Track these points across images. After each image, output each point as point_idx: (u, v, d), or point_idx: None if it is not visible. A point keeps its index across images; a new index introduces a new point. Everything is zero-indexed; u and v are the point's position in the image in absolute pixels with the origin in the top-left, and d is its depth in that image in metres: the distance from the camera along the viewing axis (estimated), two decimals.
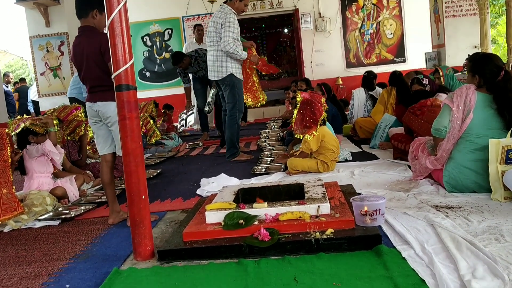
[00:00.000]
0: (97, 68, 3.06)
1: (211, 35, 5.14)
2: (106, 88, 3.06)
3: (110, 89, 3.03)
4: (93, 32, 3.08)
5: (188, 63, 6.82)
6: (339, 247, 2.24)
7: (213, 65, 5.16)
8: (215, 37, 5.09)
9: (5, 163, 3.47)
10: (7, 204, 3.32)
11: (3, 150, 3.49)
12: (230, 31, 4.93)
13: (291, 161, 4.16)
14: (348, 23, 9.97)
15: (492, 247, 2.08)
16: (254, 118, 10.17)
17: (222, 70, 5.09)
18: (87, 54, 3.06)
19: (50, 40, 8.72)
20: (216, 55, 5.11)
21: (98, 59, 3.03)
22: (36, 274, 2.37)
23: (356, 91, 6.68)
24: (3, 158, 3.48)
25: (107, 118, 3.12)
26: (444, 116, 3.06)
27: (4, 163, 3.47)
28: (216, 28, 5.07)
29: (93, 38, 3.04)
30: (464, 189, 2.99)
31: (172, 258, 2.35)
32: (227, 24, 4.93)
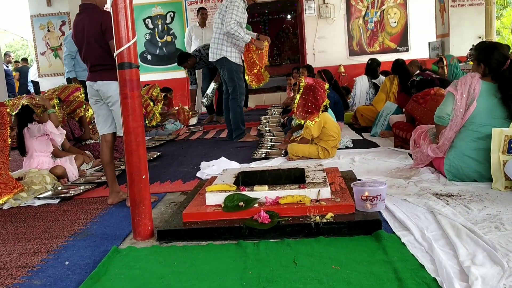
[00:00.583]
0: (98, 47, 3.02)
1: (216, 17, 5.25)
2: (107, 67, 3.03)
3: (111, 68, 3.01)
4: (94, 10, 3.04)
5: (193, 63, 7.03)
6: (339, 231, 2.24)
7: (212, 46, 5.32)
8: (218, 19, 5.21)
9: (5, 143, 3.45)
10: (5, 183, 3.31)
11: (3, 130, 3.47)
12: (233, 13, 4.95)
13: (291, 147, 4.15)
14: (352, 10, 9.86)
15: (492, 235, 2.08)
16: (255, 104, 10.13)
17: (217, 52, 5.24)
18: (88, 32, 3.02)
19: (51, 19, 8.63)
20: (215, 37, 5.26)
21: (99, 38, 2.99)
22: (35, 251, 2.37)
23: (359, 78, 6.64)
24: (3, 138, 3.45)
25: (108, 98, 3.10)
26: (448, 104, 3.04)
27: (3, 143, 3.44)
28: (221, 10, 5.14)
29: (94, 16, 3.00)
30: (465, 177, 2.99)
31: (172, 238, 2.35)
32: (231, 6, 4.98)
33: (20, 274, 2.10)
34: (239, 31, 4.97)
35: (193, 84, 7.64)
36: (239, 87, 5.26)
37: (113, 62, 2.96)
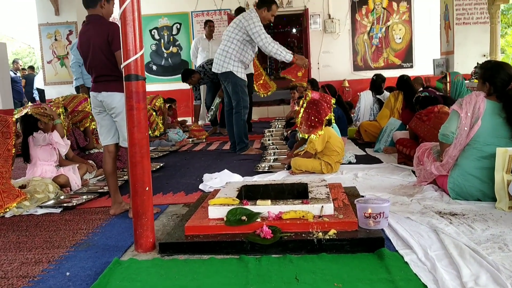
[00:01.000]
0: (104, 57, 3.04)
1: (230, 30, 5.25)
2: (112, 78, 3.05)
3: (115, 79, 3.03)
4: (100, 21, 3.06)
5: (197, 79, 7.14)
6: (341, 248, 2.23)
7: (218, 57, 5.34)
8: (232, 33, 5.20)
9: (9, 152, 3.45)
10: (8, 191, 3.30)
11: (8, 139, 3.47)
12: (263, 33, 5.03)
13: (295, 161, 4.15)
14: (357, 25, 9.94)
15: (496, 256, 2.06)
16: (258, 117, 10.16)
17: (223, 65, 5.26)
18: (94, 43, 3.04)
19: (58, 28, 8.72)
20: (223, 50, 5.27)
21: (105, 48, 3.01)
22: (37, 261, 2.37)
23: (364, 93, 6.65)
24: (7, 147, 3.45)
25: (112, 109, 3.10)
26: (452, 122, 3.04)
27: (7, 152, 3.45)
28: (237, 25, 5.16)
29: (101, 27, 3.03)
30: (468, 196, 2.98)
31: (173, 251, 2.34)
32: (257, 28, 5.02)
33: (21, 284, 2.09)
34: (280, 50, 5.05)
35: (197, 99, 7.71)
36: (243, 101, 5.28)
37: (118, 73, 3.00)
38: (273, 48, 5.04)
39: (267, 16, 5.20)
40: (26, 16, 20.17)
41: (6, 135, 3.47)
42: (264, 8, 5.17)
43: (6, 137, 3.47)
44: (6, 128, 3.47)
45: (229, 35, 5.24)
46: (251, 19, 5.07)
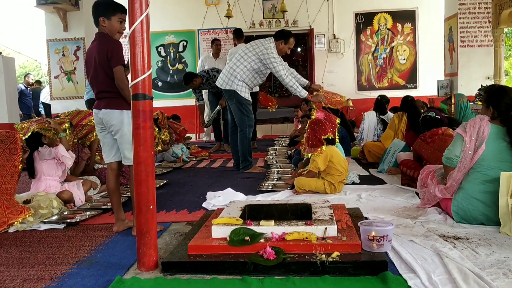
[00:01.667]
0: (103, 74, 3.07)
1: (245, 51, 5.26)
2: (112, 95, 3.08)
3: (115, 96, 3.06)
4: (104, 38, 3.10)
5: (199, 83, 7.07)
6: (345, 271, 2.22)
7: (224, 73, 5.36)
8: (245, 55, 5.22)
9: (15, 168, 3.46)
10: (12, 207, 3.30)
11: (15, 155, 3.48)
12: (281, 64, 5.13)
13: (298, 180, 4.15)
14: (362, 46, 10.02)
15: (500, 282, 2.05)
16: (262, 134, 10.18)
17: (229, 83, 5.28)
18: (95, 59, 3.09)
19: (66, 44, 8.83)
20: (231, 67, 5.29)
21: (105, 65, 3.05)
22: (39, 277, 2.37)
23: (368, 113, 6.67)
24: (14, 163, 3.46)
25: (111, 126, 3.12)
26: (456, 146, 3.05)
27: (14, 168, 3.45)
28: (254, 49, 5.20)
29: (103, 44, 3.07)
30: (472, 220, 2.97)
31: (176, 270, 2.34)
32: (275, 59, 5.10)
33: None
34: (297, 85, 5.12)
35: (200, 100, 7.61)
36: (248, 119, 5.31)
37: (117, 90, 3.04)
38: (290, 81, 5.12)
39: (283, 49, 5.27)
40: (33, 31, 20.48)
41: (13, 151, 3.49)
42: (281, 41, 5.23)
43: (13, 153, 3.48)
44: (13, 144, 3.49)
45: (242, 56, 5.25)
46: (270, 49, 5.12)
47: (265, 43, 5.19)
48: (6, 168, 3.44)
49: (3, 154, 3.45)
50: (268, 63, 5.13)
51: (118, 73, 3.00)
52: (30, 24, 22.00)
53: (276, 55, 5.15)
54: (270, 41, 5.21)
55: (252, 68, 5.20)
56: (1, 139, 3.47)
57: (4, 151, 3.46)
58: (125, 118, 3.06)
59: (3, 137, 3.48)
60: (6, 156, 3.46)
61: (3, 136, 3.48)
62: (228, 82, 5.27)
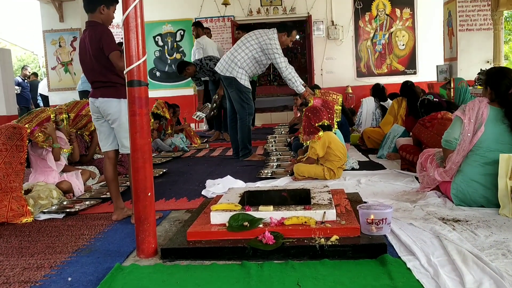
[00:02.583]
0: (98, 63, 3.06)
1: (248, 39, 5.20)
2: (108, 84, 3.07)
3: (112, 85, 3.05)
4: (97, 27, 3.08)
5: (192, 71, 7.12)
6: (344, 254, 2.22)
7: (225, 59, 5.29)
8: (248, 43, 5.17)
9: (21, 166, 3.42)
10: (15, 210, 3.27)
11: (21, 152, 3.44)
12: (282, 56, 5.08)
13: (297, 167, 4.15)
14: (361, 32, 9.95)
15: (499, 262, 2.05)
16: (261, 123, 10.16)
17: (228, 69, 5.21)
18: (89, 49, 3.07)
19: (63, 35, 8.78)
20: (232, 54, 5.22)
21: (99, 54, 3.03)
22: (39, 266, 2.37)
23: (366, 99, 6.66)
24: (20, 161, 3.41)
25: (108, 115, 3.11)
26: (455, 128, 3.03)
27: (20, 165, 3.41)
28: (257, 38, 5.14)
29: (94, 33, 3.04)
30: (471, 202, 2.96)
31: (175, 257, 2.34)
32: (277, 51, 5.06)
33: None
34: (295, 79, 5.08)
35: (199, 85, 7.69)
36: (248, 107, 5.27)
37: (113, 79, 3.03)
38: (289, 74, 5.08)
39: (286, 41, 5.23)
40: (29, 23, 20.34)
41: (19, 149, 3.45)
42: (284, 33, 5.19)
43: (19, 150, 3.44)
44: (20, 141, 3.45)
45: (244, 43, 5.19)
46: (273, 40, 5.08)
47: (268, 34, 5.13)
48: (13, 166, 3.40)
49: (10, 152, 3.42)
50: (270, 53, 5.08)
51: (114, 59, 2.96)
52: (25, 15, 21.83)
53: (279, 46, 5.11)
54: (273, 32, 5.15)
55: (253, 56, 5.15)
56: (8, 136, 3.44)
57: (11, 148, 3.43)
58: (123, 107, 3.04)
59: (10, 133, 3.45)
60: (13, 153, 3.42)
61: (10, 132, 3.45)
62: (228, 69, 5.21)
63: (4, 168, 3.37)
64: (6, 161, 3.39)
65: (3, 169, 3.37)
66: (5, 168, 3.37)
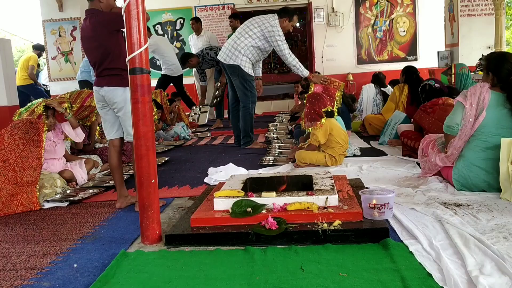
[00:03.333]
0: (104, 50, 3.05)
1: (249, 26, 5.15)
2: (114, 73, 3.07)
3: (117, 74, 3.04)
4: (97, 15, 3.07)
5: (196, 62, 7.37)
6: (346, 239, 2.24)
7: (227, 47, 5.23)
8: (250, 31, 5.12)
9: (38, 161, 3.42)
10: (25, 205, 3.28)
11: (38, 147, 3.42)
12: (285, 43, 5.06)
13: (299, 154, 4.16)
14: (361, 19, 9.89)
15: (501, 245, 2.07)
16: (262, 111, 10.15)
17: (232, 57, 5.17)
18: (93, 37, 3.06)
19: (62, 24, 8.74)
20: (236, 43, 5.16)
21: (105, 40, 3.02)
22: (44, 253, 2.40)
23: (366, 86, 6.64)
24: (37, 156, 3.40)
25: (114, 104, 3.12)
26: (457, 114, 3.03)
27: (37, 161, 3.41)
28: (259, 25, 5.10)
29: (97, 20, 3.04)
30: (473, 187, 2.98)
31: (179, 243, 2.36)
32: (280, 37, 5.04)
33: (30, 275, 2.12)
34: (299, 64, 5.06)
35: (202, 81, 7.97)
36: (251, 95, 5.26)
37: (119, 66, 3.02)
38: (293, 60, 5.05)
39: (287, 26, 5.18)
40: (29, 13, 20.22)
41: (36, 143, 3.44)
42: (286, 18, 5.13)
43: (36, 145, 3.44)
44: (37, 136, 3.45)
45: (246, 31, 5.14)
46: (276, 26, 5.04)
47: (270, 20, 5.09)
48: (29, 160, 3.41)
49: (27, 146, 3.42)
50: (273, 40, 5.05)
51: None
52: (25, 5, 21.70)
53: (281, 33, 5.07)
54: (275, 18, 5.11)
55: (256, 44, 5.11)
56: (25, 131, 3.44)
57: (28, 143, 3.43)
58: (128, 96, 3.03)
59: (28, 128, 3.45)
60: (30, 148, 3.43)
61: (28, 127, 3.45)
62: (231, 57, 5.17)
63: (20, 162, 3.37)
64: (23, 155, 3.38)
65: (20, 163, 3.37)
66: (21, 162, 3.37)
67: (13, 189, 3.30)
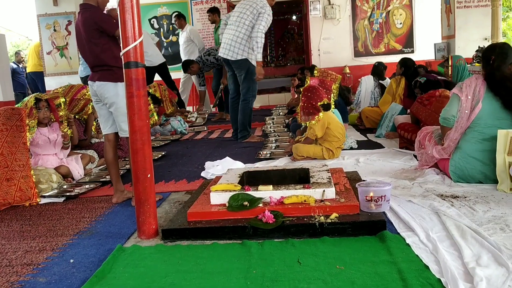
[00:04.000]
0: (94, 47, 3.04)
1: (243, 16, 5.08)
2: (105, 68, 3.06)
3: (108, 69, 3.03)
4: (90, 10, 3.05)
5: (197, 69, 7.62)
6: (343, 232, 2.24)
7: (231, 44, 5.14)
8: (245, 20, 5.06)
9: (24, 146, 3.45)
10: (24, 190, 3.31)
11: (22, 132, 3.47)
12: (266, 23, 4.99)
13: (296, 147, 4.15)
14: (358, 11, 9.85)
15: (497, 237, 2.07)
16: (259, 105, 10.12)
17: (239, 52, 5.11)
18: (84, 32, 3.04)
19: (57, 19, 8.67)
20: (238, 36, 5.10)
21: (94, 37, 3.01)
22: (41, 249, 2.39)
23: (365, 78, 6.62)
24: (22, 141, 3.45)
25: (105, 99, 3.11)
26: (453, 106, 3.03)
27: (23, 145, 3.44)
28: (251, 12, 5.05)
29: (89, 17, 3.02)
30: (470, 179, 2.98)
31: (176, 237, 2.36)
32: (266, 16, 4.99)
33: (26, 271, 2.11)
34: (261, 46, 5.01)
35: (201, 85, 8.14)
36: (253, 89, 5.23)
37: (110, 62, 3.01)
38: (261, 39, 4.99)
39: (272, 3, 5.16)
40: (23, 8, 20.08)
41: (20, 129, 3.47)
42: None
43: (20, 130, 3.47)
44: (20, 121, 3.47)
45: (239, 21, 5.08)
46: (267, 6, 5.01)
47: (258, 2, 5.04)
48: (15, 145, 3.43)
49: (11, 131, 3.44)
50: (261, 19, 4.98)
51: None
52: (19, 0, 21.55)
53: (271, 13, 5.04)
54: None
55: (250, 26, 5.06)
56: (7, 117, 3.45)
57: (11, 128, 3.45)
58: (119, 90, 3.03)
59: (9, 114, 3.47)
60: (14, 133, 3.45)
61: (9, 113, 3.47)
62: (238, 52, 5.10)
63: (7, 147, 3.40)
64: (8, 140, 3.42)
65: (6, 147, 3.40)
66: (8, 147, 3.41)
67: (6, 173, 3.33)
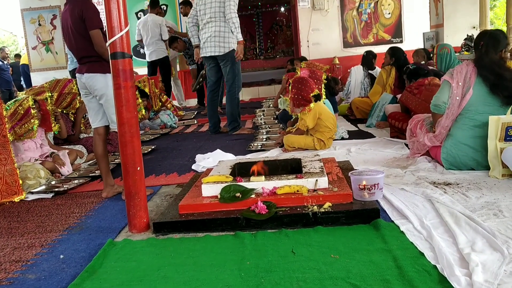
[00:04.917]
0: (81, 38, 2.99)
1: (215, 10, 5.01)
2: (93, 59, 3.00)
3: (97, 60, 2.98)
4: (76, 1, 2.99)
5: (182, 47, 7.70)
6: (337, 221, 2.22)
7: (214, 40, 5.07)
8: (219, 12, 4.99)
9: (5, 138, 3.39)
10: (9, 184, 3.25)
11: (1, 125, 3.41)
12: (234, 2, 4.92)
13: (287, 138, 4.12)
14: (346, 2, 9.82)
15: (491, 222, 2.07)
16: (249, 97, 10.08)
17: (225, 45, 5.05)
18: (70, 24, 2.99)
19: (42, 13, 8.54)
20: (219, 30, 5.03)
21: (81, 29, 2.96)
22: (29, 245, 2.34)
23: (354, 68, 6.60)
24: (2, 134, 3.40)
25: (95, 91, 3.06)
26: (444, 92, 3.02)
27: (3, 138, 3.38)
28: (221, 2, 4.97)
29: (75, 6, 2.96)
30: (462, 166, 2.97)
31: (168, 230, 2.32)
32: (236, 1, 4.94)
33: (14, 268, 2.07)
34: (237, 24, 4.92)
35: (191, 64, 8.15)
36: (238, 79, 5.18)
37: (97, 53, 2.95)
38: (236, 19, 4.93)
39: None
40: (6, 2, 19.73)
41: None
42: None
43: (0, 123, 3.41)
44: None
45: (213, 16, 5.01)
46: None
47: None
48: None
49: None
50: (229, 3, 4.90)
51: (95, 37, 2.91)
52: None
53: None
54: None
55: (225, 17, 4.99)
56: None
57: None
58: (109, 82, 2.96)
59: None
60: None
61: None
62: (224, 45, 5.04)
63: None
64: None
65: None
66: None
67: None
